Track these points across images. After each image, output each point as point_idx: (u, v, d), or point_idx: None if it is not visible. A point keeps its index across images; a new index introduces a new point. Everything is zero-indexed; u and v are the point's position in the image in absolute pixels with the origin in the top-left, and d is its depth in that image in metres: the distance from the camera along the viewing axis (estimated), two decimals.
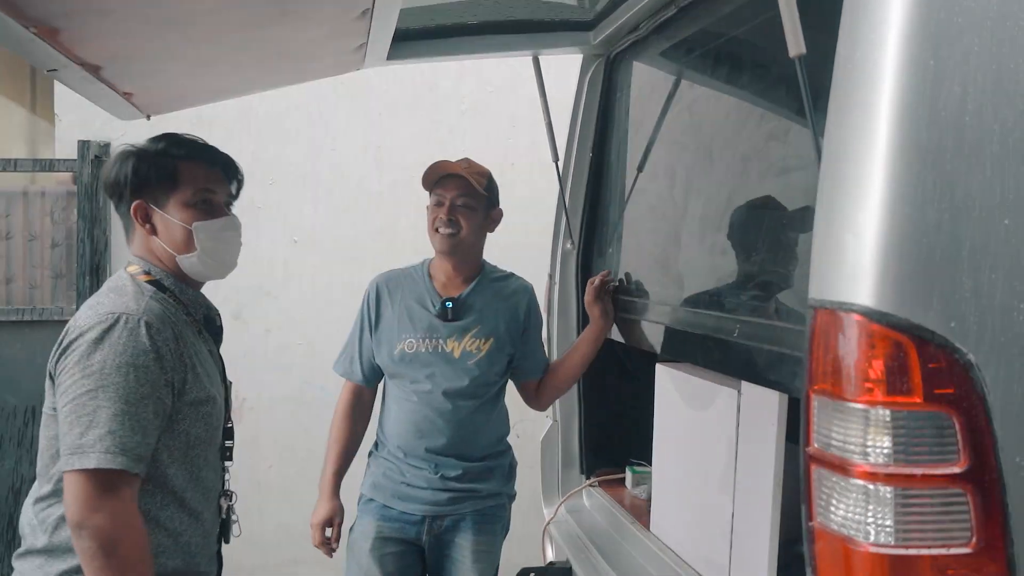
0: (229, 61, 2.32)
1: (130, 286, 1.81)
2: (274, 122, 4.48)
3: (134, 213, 1.86)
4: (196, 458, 1.82)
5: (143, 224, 1.87)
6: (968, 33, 1.23)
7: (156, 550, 1.74)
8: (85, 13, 1.70)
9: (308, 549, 4.40)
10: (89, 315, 1.72)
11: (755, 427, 2.03)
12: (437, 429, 2.58)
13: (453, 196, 2.59)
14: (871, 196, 1.23)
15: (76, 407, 1.63)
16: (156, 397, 1.69)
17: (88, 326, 1.69)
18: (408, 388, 2.61)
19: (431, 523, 2.61)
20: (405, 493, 2.62)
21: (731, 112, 2.28)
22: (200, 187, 1.88)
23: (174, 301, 1.85)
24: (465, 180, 2.57)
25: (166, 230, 1.86)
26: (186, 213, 1.86)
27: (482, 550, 2.62)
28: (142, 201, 1.85)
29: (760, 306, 1.94)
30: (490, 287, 2.68)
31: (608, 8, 2.79)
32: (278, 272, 4.53)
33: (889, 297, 1.22)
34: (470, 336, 2.60)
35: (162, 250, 1.87)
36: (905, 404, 1.22)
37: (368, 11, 1.94)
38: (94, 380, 1.64)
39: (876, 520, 1.23)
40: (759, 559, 2.00)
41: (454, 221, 2.58)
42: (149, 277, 1.86)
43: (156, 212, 1.86)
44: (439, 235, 2.60)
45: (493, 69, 4.52)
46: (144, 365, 1.67)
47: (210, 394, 1.84)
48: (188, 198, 1.86)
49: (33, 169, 4.43)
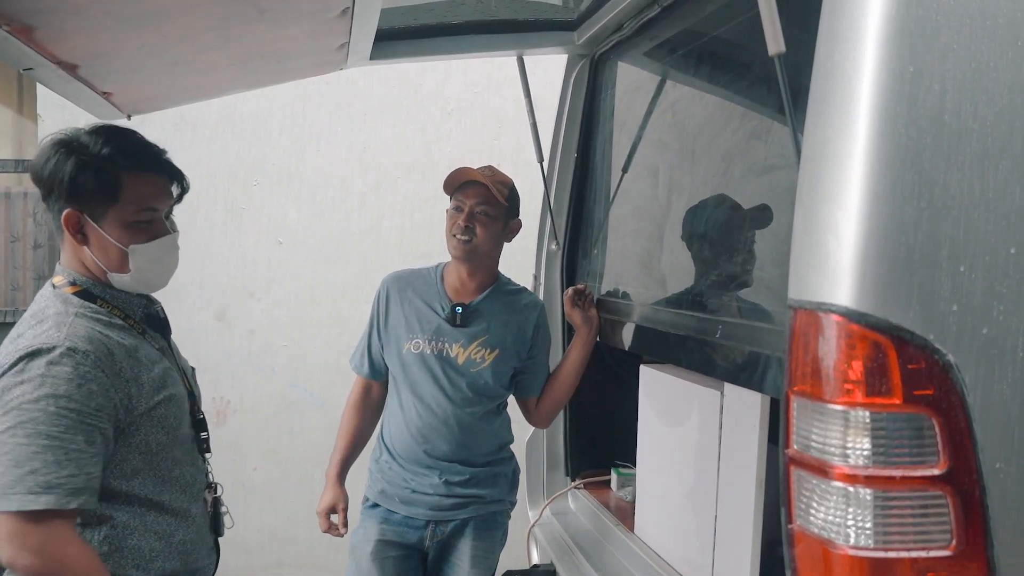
0: (208, 60, 2.30)
1: (52, 308, 1.69)
2: (258, 122, 4.46)
3: (65, 222, 1.69)
4: (164, 460, 1.76)
5: (74, 234, 1.71)
6: (946, 31, 1.23)
7: (151, 555, 1.72)
8: (59, 11, 1.68)
9: (292, 551, 4.40)
10: (8, 349, 1.62)
11: (738, 428, 2.03)
12: (440, 435, 2.58)
13: (473, 203, 2.55)
14: (850, 195, 1.22)
15: None
16: (86, 425, 1.59)
17: (5, 364, 1.60)
18: (410, 393, 2.60)
19: (434, 528, 2.61)
20: (409, 498, 2.61)
21: (713, 111, 2.28)
22: (143, 206, 1.73)
23: (106, 309, 1.74)
24: (486, 188, 2.54)
25: (99, 246, 1.72)
26: (124, 232, 1.72)
27: (480, 555, 2.62)
28: (75, 211, 1.69)
29: (741, 307, 1.94)
30: (502, 299, 2.66)
31: (592, 8, 2.78)
32: (262, 273, 4.51)
33: (868, 297, 1.21)
34: (476, 344, 2.58)
35: (92, 262, 1.75)
36: (884, 405, 1.21)
37: (348, 10, 1.93)
38: (11, 418, 1.55)
39: (856, 522, 1.22)
40: (742, 560, 1.99)
41: (471, 228, 2.55)
42: (75, 288, 1.73)
43: (90, 225, 1.70)
44: (455, 240, 2.57)
45: (478, 69, 4.52)
46: (66, 395, 1.57)
47: (161, 399, 1.75)
48: (128, 216, 1.72)
49: (15, 170, 4.39)
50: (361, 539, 2.64)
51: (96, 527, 1.68)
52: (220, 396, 4.38)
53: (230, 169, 4.43)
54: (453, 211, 2.59)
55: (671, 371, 2.41)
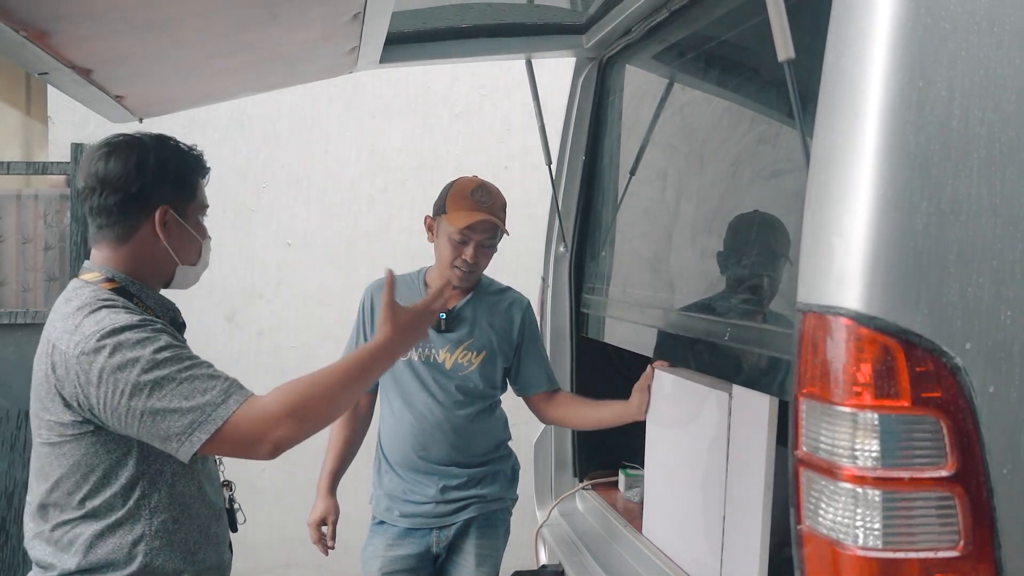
0: (220, 64, 2.32)
1: (98, 301, 1.70)
2: (267, 125, 4.48)
3: (159, 216, 1.76)
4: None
5: (161, 228, 1.77)
6: (954, 38, 1.24)
7: (195, 547, 1.77)
8: (75, 16, 1.70)
9: (301, 553, 4.41)
10: (76, 339, 1.64)
11: (746, 430, 2.03)
12: (433, 441, 2.60)
13: (480, 239, 2.53)
14: (859, 200, 1.23)
15: (158, 400, 1.59)
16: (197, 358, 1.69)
17: (87, 346, 1.61)
18: (401, 401, 2.62)
19: (439, 534, 2.63)
20: (411, 511, 2.63)
21: (722, 116, 2.28)
22: (206, 204, 1.88)
23: (140, 308, 1.77)
24: (494, 224, 2.54)
25: (180, 239, 1.81)
26: (198, 227, 1.86)
27: (485, 553, 2.64)
28: (166, 206, 1.77)
29: (750, 310, 1.95)
30: (485, 300, 2.67)
31: (600, 12, 2.79)
32: (271, 275, 4.52)
33: (877, 301, 1.22)
34: (462, 348, 2.60)
35: (166, 256, 1.80)
36: (893, 408, 1.22)
37: (360, 14, 1.94)
38: (150, 378, 1.59)
39: (864, 523, 1.23)
40: (750, 562, 2.00)
41: (476, 263, 2.55)
42: (113, 284, 1.76)
43: (175, 220, 1.79)
44: (458, 272, 2.55)
45: (486, 72, 4.53)
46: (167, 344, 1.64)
47: None
48: (200, 212, 1.86)
49: (26, 172, 4.42)
50: (370, 556, 2.68)
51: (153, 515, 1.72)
52: None
53: (239, 171, 4.45)
54: (457, 243, 2.53)
55: (680, 373, 2.42)
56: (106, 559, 1.68)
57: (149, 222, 1.77)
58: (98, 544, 1.69)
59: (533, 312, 2.78)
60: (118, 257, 1.80)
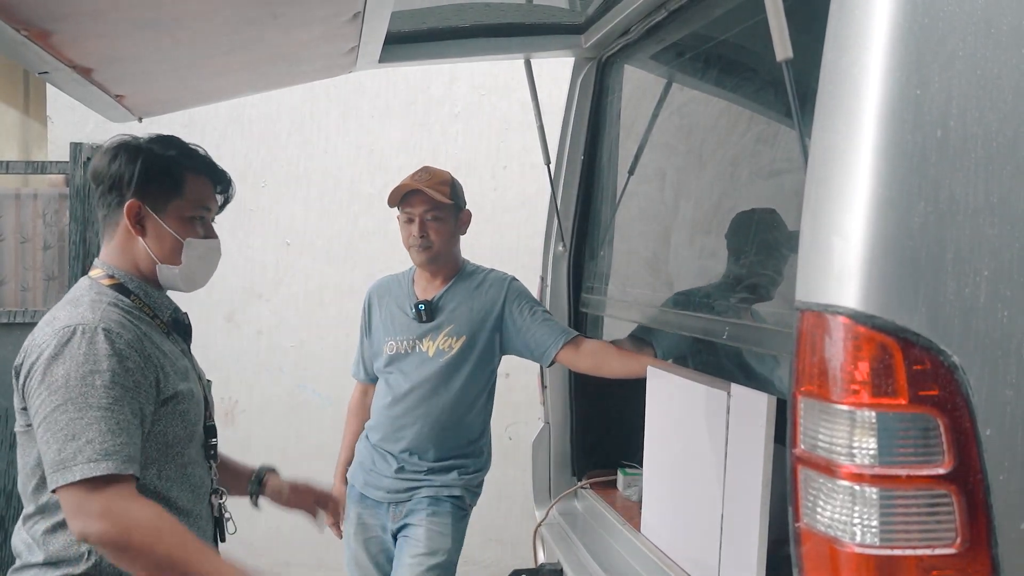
0: (220, 64, 2.32)
1: (87, 296, 1.75)
2: (266, 124, 4.48)
3: (128, 211, 1.78)
4: (178, 456, 1.79)
5: (133, 224, 1.80)
6: (952, 38, 1.24)
7: None
8: (76, 16, 1.70)
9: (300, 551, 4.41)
10: (45, 332, 1.68)
11: (744, 429, 2.04)
12: (407, 424, 2.74)
13: (421, 212, 2.69)
14: (857, 199, 1.24)
15: (49, 425, 1.60)
16: (130, 398, 1.65)
17: (44, 343, 1.65)
18: (388, 388, 2.78)
19: (393, 510, 2.75)
20: (372, 481, 2.79)
21: (720, 115, 2.29)
22: (201, 204, 1.87)
23: (138, 305, 1.80)
24: (428, 195, 2.66)
25: (156, 237, 1.82)
26: (181, 226, 1.83)
27: (436, 530, 2.71)
28: (138, 201, 1.78)
29: (748, 308, 1.95)
30: (463, 286, 2.79)
31: (599, 12, 2.79)
32: (270, 274, 4.53)
33: (875, 299, 1.23)
34: (443, 335, 2.73)
35: (144, 254, 1.82)
36: (890, 406, 1.23)
37: (359, 14, 1.94)
38: (60, 395, 1.60)
39: (862, 521, 1.24)
40: (748, 560, 2.00)
41: (426, 236, 2.69)
42: (113, 281, 1.80)
43: (151, 216, 1.80)
44: (415, 251, 2.73)
45: (485, 72, 4.53)
46: (108, 369, 1.63)
47: (183, 390, 1.80)
48: (187, 211, 1.84)
49: (25, 171, 4.42)
50: (348, 522, 2.82)
51: None
52: (228, 397, 4.40)
53: (239, 171, 4.40)
54: (405, 223, 2.74)
55: (678, 371, 2.43)
56: (60, 555, 1.68)
57: (127, 219, 1.80)
58: (51, 539, 1.69)
59: (519, 284, 2.84)
60: (112, 253, 1.84)
